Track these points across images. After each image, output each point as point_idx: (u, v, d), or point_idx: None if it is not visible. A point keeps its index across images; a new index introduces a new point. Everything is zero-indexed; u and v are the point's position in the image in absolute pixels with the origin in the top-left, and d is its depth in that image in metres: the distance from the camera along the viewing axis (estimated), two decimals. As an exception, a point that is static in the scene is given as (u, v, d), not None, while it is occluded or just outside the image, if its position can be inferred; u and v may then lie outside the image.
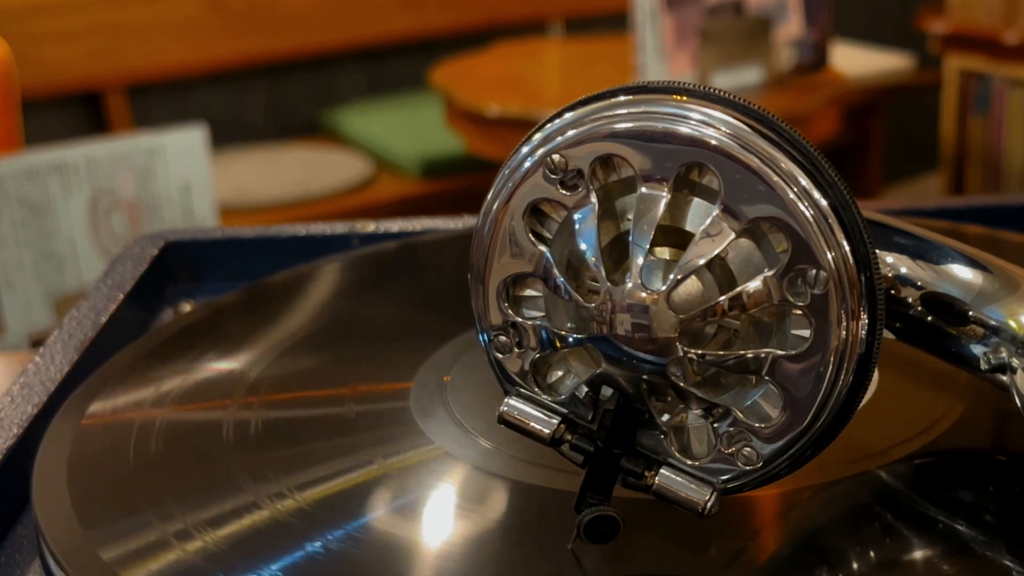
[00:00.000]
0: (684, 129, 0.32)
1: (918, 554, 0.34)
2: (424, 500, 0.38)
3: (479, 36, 2.31)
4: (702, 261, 0.32)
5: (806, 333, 0.32)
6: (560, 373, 0.35)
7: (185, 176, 0.98)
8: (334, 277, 0.58)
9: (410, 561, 0.35)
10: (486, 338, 0.36)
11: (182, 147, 0.98)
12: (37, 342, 0.93)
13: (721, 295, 0.32)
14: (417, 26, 2.26)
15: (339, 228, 0.62)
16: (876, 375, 0.42)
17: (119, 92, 2.03)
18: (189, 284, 0.62)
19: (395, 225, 0.63)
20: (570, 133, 0.33)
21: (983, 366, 0.36)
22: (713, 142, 0.32)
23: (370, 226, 0.62)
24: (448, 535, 0.37)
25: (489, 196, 0.35)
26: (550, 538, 0.35)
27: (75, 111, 2.03)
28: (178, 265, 0.62)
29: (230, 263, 0.62)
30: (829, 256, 0.31)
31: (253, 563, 0.34)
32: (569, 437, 0.34)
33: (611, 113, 0.33)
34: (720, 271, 0.32)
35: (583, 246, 0.33)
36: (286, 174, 2.03)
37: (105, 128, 2.02)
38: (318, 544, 0.35)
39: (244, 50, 2.12)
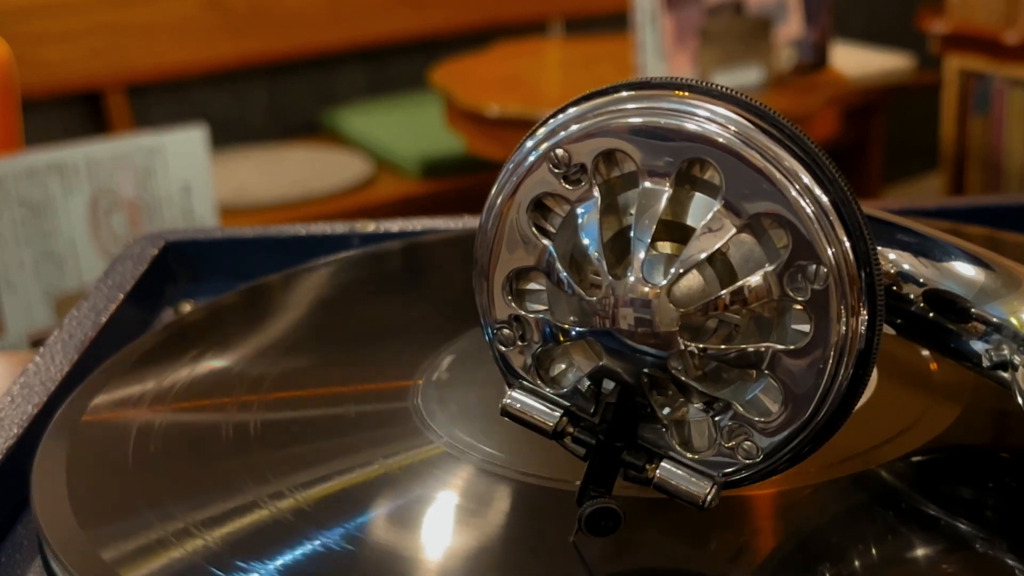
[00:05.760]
0: (690, 125, 0.32)
1: (919, 552, 0.34)
2: (424, 499, 0.38)
3: (479, 36, 2.31)
4: (703, 256, 0.32)
5: (806, 328, 0.32)
6: (563, 366, 0.35)
7: (185, 176, 0.98)
8: (334, 277, 0.58)
9: (411, 560, 0.35)
10: (490, 332, 0.36)
11: (182, 147, 0.98)
12: (37, 342, 0.93)
13: (722, 290, 0.32)
14: (417, 26, 2.26)
15: (339, 228, 0.63)
16: (876, 373, 0.43)
17: (119, 92, 2.04)
18: (189, 284, 0.62)
19: (395, 225, 0.63)
20: (573, 128, 0.33)
21: (984, 363, 0.36)
22: (720, 139, 0.32)
23: (370, 226, 0.62)
24: (449, 534, 0.37)
25: (493, 191, 0.35)
26: (551, 535, 0.35)
27: (75, 111, 2.03)
28: (178, 265, 0.62)
29: (230, 263, 0.63)
30: (829, 252, 0.31)
31: (253, 563, 0.34)
32: (571, 430, 0.35)
33: (614, 108, 0.33)
34: (721, 266, 0.32)
35: (586, 240, 0.33)
36: (286, 174, 2.03)
37: (105, 128, 2.02)
38: (318, 544, 0.35)
39: (244, 50, 2.12)
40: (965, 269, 0.37)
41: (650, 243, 0.32)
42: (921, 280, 0.37)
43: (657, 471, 0.34)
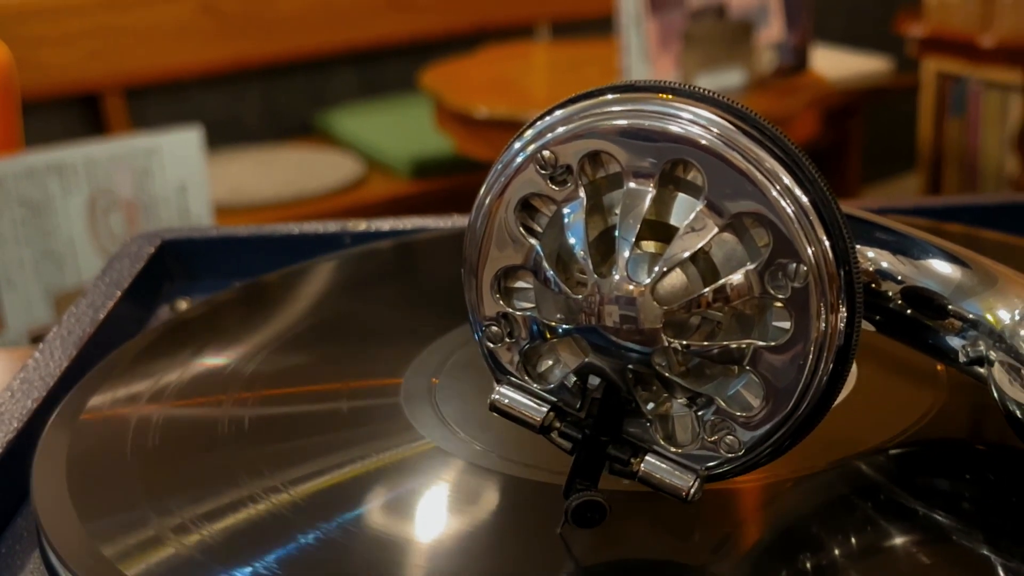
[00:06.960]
0: (673, 127, 0.32)
1: (897, 543, 0.34)
2: (415, 493, 0.38)
3: (468, 39, 2.31)
4: (686, 254, 0.32)
5: (787, 325, 0.32)
6: (549, 363, 0.36)
7: (181, 176, 0.98)
8: (327, 275, 0.58)
9: (403, 552, 0.35)
10: (479, 329, 0.36)
11: (178, 148, 0.98)
12: (37, 338, 0.94)
13: (705, 288, 0.33)
14: (407, 29, 2.26)
15: (331, 227, 0.63)
16: (855, 369, 0.43)
17: (117, 94, 2.04)
18: (185, 282, 0.63)
19: (386, 224, 0.63)
20: (560, 130, 0.34)
21: (961, 359, 0.37)
22: (703, 141, 0.32)
23: (361, 225, 0.63)
24: (439, 527, 0.37)
25: (482, 191, 0.35)
26: (539, 527, 0.35)
27: (74, 113, 2.03)
28: (174, 263, 0.62)
29: (225, 261, 0.63)
30: (809, 251, 0.32)
31: (248, 556, 0.34)
32: (558, 425, 0.35)
33: (600, 111, 0.33)
34: (704, 264, 0.33)
35: (572, 240, 0.34)
36: (280, 174, 2.03)
37: (103, 129, 2.02)
38: (312, 537, 0.35)
39: (239, 53, 2.12)
40: (942, 267, 0.37)
41: (634, 242, 0.33)
42: (899, 278, 0.38)
43: (641, 465, 0.34)
